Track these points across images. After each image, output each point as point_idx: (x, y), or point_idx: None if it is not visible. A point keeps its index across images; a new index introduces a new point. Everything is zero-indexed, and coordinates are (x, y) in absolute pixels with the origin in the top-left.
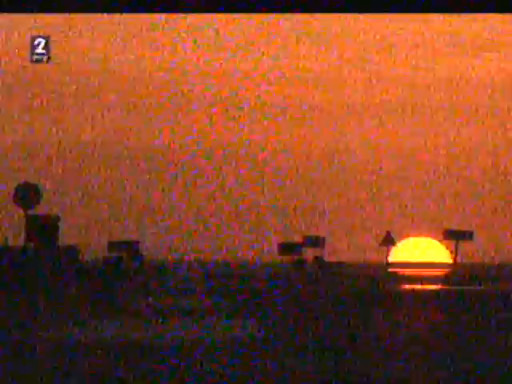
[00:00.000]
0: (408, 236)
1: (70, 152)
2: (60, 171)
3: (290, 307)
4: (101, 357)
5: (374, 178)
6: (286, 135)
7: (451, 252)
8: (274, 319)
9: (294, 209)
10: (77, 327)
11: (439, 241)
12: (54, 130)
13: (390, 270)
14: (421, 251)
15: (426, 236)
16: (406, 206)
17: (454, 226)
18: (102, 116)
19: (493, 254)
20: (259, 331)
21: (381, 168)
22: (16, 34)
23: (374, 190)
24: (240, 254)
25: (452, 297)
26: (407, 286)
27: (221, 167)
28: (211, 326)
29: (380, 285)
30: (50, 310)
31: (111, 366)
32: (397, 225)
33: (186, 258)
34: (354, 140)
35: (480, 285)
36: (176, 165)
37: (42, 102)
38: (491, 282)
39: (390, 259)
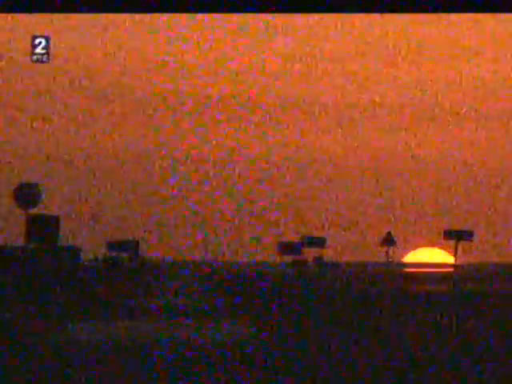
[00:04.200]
0: (407, 237)
1: (70, 152)
2: (60, 171)
3: (290, 308)
4: (100, 357)
5: (376, 178)
6: (287, 136)
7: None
8: (272, 321)
9: (294, 209)
10: (76, 327)
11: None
12: (53, 129)
13: (405, 270)
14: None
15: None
16: (408, 208)
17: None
18: (102, 116)
19: (493, 254)
20: (258, 333)
21: (382, 169)
22: (16, 34)
23: (376, 191)
24: (240, 254)
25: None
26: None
27: (221, 168)
28: (210, 326)
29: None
30: (50, 311)
31: (111, 366)
32: (398, 227)
33: (185, 257)
34: (355, 142)
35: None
36: (176, 164)
37: (41, 102)
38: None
39: (392, 260)
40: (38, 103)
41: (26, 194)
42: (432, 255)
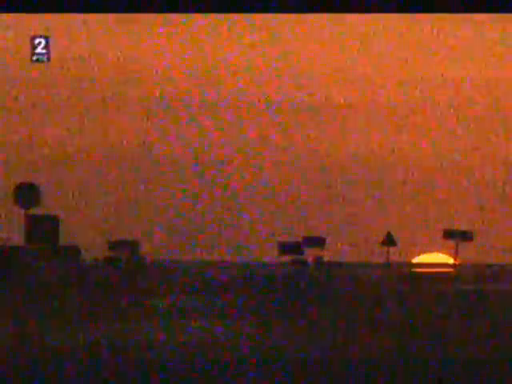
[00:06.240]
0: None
1: (70, 152)
2: (60, 171)
3: (290, 308)
4: (99, 357)
5: (376, 179)
6: (287, 135)
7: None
8: (273, 320)
9: (294, 209)
10: (76, 328)
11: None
12: (53, 129)
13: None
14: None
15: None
16: (409, 210)
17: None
18: (102, 116)
19: (493, 254)
20: (258, 332)
21: (382, 171)
22: (16, 34)
23: (377, 192)
24: (240, 254)
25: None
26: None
27: (221, 166)
28: (210, 326)
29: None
30: (50, 311)
31: (110, 367)
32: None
33: (185, 257)
34: (354, 141)
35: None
36: (176, 164)
37: (41, 102)
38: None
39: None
40: (38, 103)
41: (26, 194)
42: (434, 259)
